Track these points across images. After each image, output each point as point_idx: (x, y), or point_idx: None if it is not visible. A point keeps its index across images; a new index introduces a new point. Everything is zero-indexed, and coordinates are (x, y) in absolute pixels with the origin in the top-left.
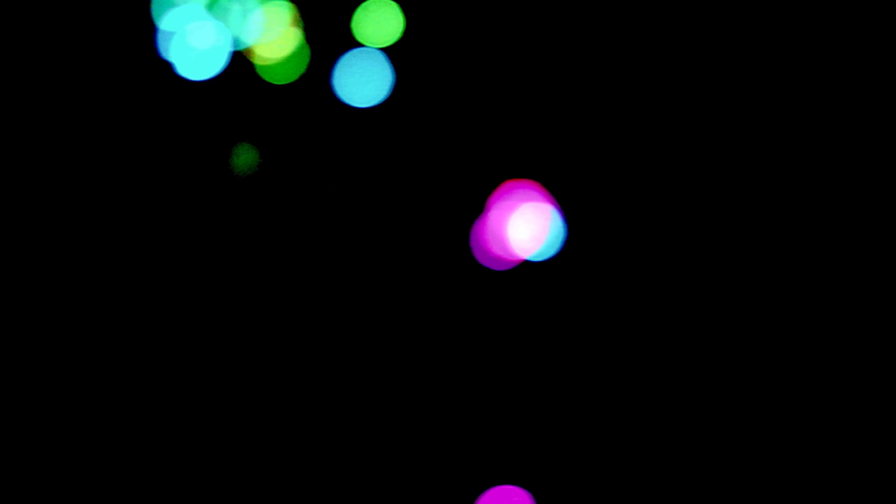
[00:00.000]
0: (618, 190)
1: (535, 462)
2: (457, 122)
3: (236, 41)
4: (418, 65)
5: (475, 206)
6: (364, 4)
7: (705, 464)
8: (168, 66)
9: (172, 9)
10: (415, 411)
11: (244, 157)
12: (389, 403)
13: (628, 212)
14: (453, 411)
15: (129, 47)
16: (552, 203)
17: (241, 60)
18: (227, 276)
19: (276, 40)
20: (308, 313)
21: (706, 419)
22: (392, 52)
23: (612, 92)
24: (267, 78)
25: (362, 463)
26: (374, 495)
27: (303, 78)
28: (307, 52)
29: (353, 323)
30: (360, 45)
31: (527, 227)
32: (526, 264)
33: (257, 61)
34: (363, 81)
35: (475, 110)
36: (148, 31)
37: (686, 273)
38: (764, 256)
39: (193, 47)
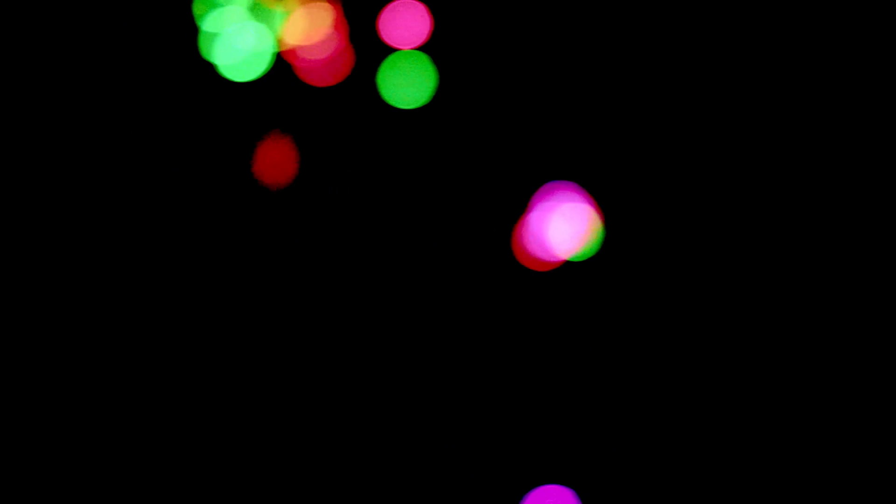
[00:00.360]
0: (657, 191)
1: (579, 462)
2: (499, 124)
3: (278, 43)
4: (461, 67)
5: (516, 207)
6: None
7: (743, 462)
8: (211, 68)
9: (214, 10)
10: (458, 411)
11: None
12: (429, 403)
13: (667, 213)
14: (496, 411)
15: (171, 48)
16: (592, 204)
17: (283, 62)
18: (274, 276)
19: (318, 42)
20: (351, 313)
21: (745, 418)
22: (435, 54)
23: (652, 95)
24: (308, 80)
25: (402, 464)
26: (419, 497)
27: (346, 80)
28: (350, 53)
29: (395, 322)
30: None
31: (567, 229)
32: (566, 265)
33: (299, 63)
34: (406, 83)
35: (517, 112)
36: (190, 33)
37: (720, 274)
38: (806, 260)
39: (236, 49)
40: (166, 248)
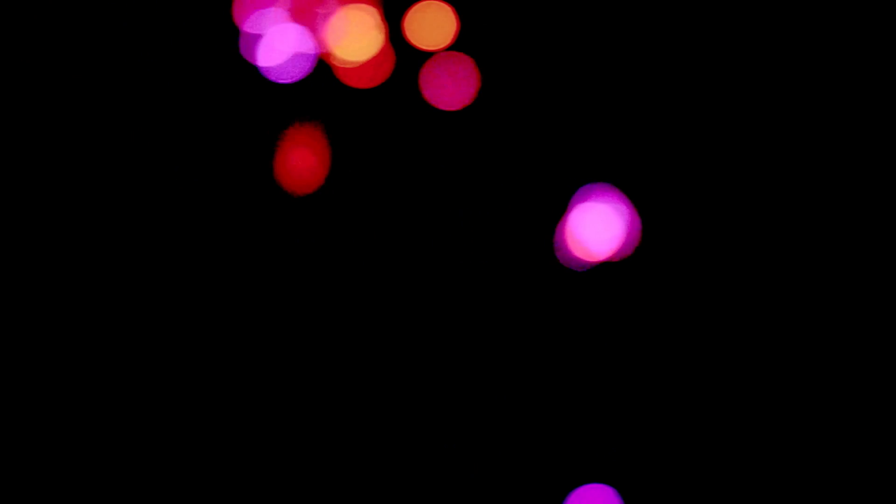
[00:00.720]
0: (693, 192)
1: (623, 460)
2: (538, 125)
3: (321, 45)
4: (503, 68)
5: (556, 208)
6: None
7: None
8: (253, 70)
9: (257, 12)
10: (500, 409)
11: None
12: (473, 401)
13: (704, 214)
14: (536, 410)
15: (214, 50)
16: (629, 205)
17: (326, 64)
18: (317, 275)
19: (360, 44)
20: (398, 309)
21: (786, 417)
22: (478, 56)
23: (690, 97)
24: (351, 82)
25: (450, 462)
26: (466, 494)
27: (389, 81)
28: (393, 55)
29: (436, 319)
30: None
31: (605, 230)
32: (604, 266)
33: (341, 65)
34: (448, 84)
35: (557, 113)
36: (232, 34)
37: (757, 274)
38: (845, 260)
39: (279, 50)
40: (199, 249)
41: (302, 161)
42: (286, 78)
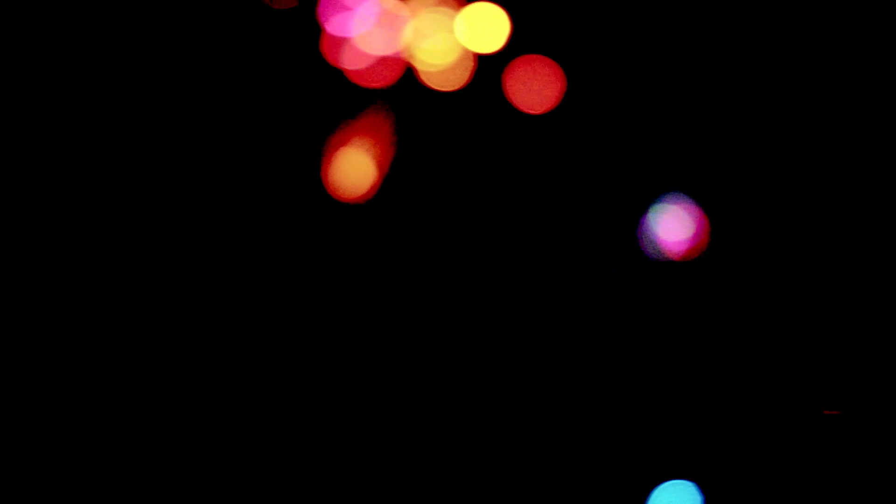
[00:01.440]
0: (764, 192)
1: (703, 456)
2: (622, 127)
3: (406, 48)
4: (587, 72)
5: (635, 208)
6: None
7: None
8: (337, 73)
9: (342, 15)
10: (584, 406)
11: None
12: (563, 396)
13: (776, 214)
14: (613, 407)
15: (297, 53)
16: (700, 206)
17: (410, 67)
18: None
19: (443, 47)
20: (485, 309)
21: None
22: (562, 59)
23: (769, 98)
24: (435, 85)
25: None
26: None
27: (473, 84)
28: (475, 58)
29: (521, 316)
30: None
31: (677, 229)
32: (674, 265)
33: (425, 68)
34: (534, 87)
35: (641, 115)
36: (314, 37)
37: (828, 276)
38: None
39: (365, 54)
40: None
41: (367, 163)
42: (371, 82)
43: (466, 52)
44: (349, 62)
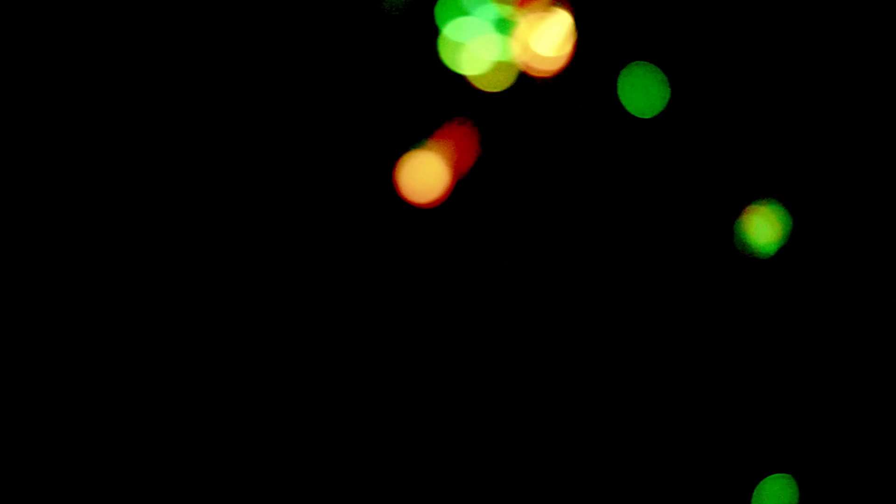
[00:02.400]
0: (846, 191)
1: (801, 451)
2: (729, 131)
3: (518, 53)
4: (694, 76)
5: (732, 208)
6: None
7: None
8: (454, 76)
9: (459, 19)
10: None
11: None
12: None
13: (858, 213)
14: (710, 403)
15: (413, 54)
16: (787, 202)
17: (519, 71)
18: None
19: (555, 52)
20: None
21: None
22: (670, 65)
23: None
24: (542, 89)
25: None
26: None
27: (583, 88)
28: (586, 63)
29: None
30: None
31: (763, 228)
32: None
33: (536, 73)
34: (644, 92)
35: (747, 118)
36: (431, 39)
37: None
38: None
39: (481, 59)
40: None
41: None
42: (489, 87)
43: (573, 56)
44: (465, 66)
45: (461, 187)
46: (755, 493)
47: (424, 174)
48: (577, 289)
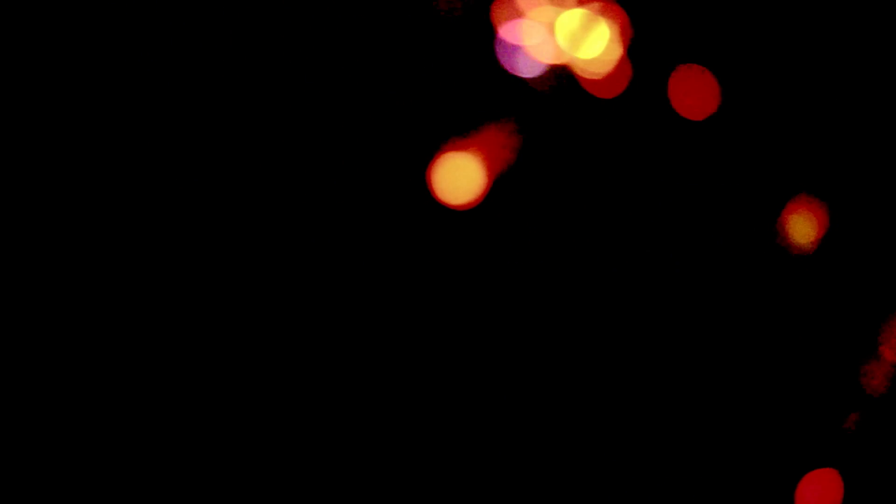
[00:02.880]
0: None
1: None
2: (778, 132)
3: (572, 56)
4: (745, 79)
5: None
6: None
7: None
8: (507, 77)
9: (515, 21)
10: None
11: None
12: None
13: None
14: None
15: (467, 55)
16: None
17: (570, 74)
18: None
19: (603, 53)
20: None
21: None
22: (720, 67)
23: None
24: (595, 92)
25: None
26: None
27: (633, 90)
28: (634, 65)
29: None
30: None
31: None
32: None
33: (586, 75)
34: (693, 94)
35: (796, 120)
36: (488, 41)
37: None
38: None
39: (535, 62)
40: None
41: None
42: (540, 85)
43: (624, 59)
44: (520, 68)
45: (503, 189)
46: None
47: (459, 176)
48: (617, 291)
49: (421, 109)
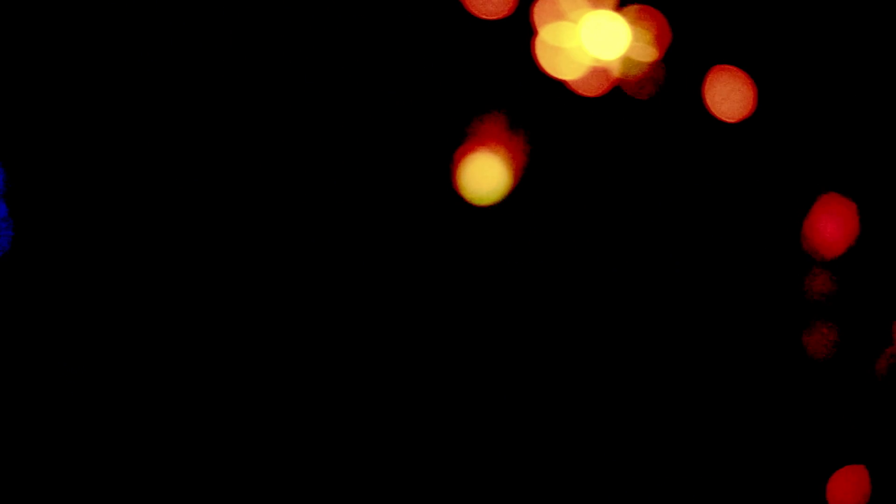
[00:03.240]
0: None
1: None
2: (817, 133)
3: (610, 58)
4: (782, 81)
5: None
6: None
7: None
8: (548, 79)
9: (555, 23)
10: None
11: None
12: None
13: None
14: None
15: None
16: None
17: (608, 75)
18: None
19: (641, 55)
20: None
21: None
22: (754, 69)
23: None
24: (631, 93)
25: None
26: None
27: (670, 92)
28: (670, 67)
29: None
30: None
31: (836, 228)
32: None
33: (623, 77)
34: (731, 96)
35: (833, 121)
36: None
37: None
38: None
39: (579, 63)
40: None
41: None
42: (587, 90)
43: (660, 61)
44: (563, 71)
45: (537, 189)
46: None
47: (487, 175)
48: (650, 290)
49: (459, 108)
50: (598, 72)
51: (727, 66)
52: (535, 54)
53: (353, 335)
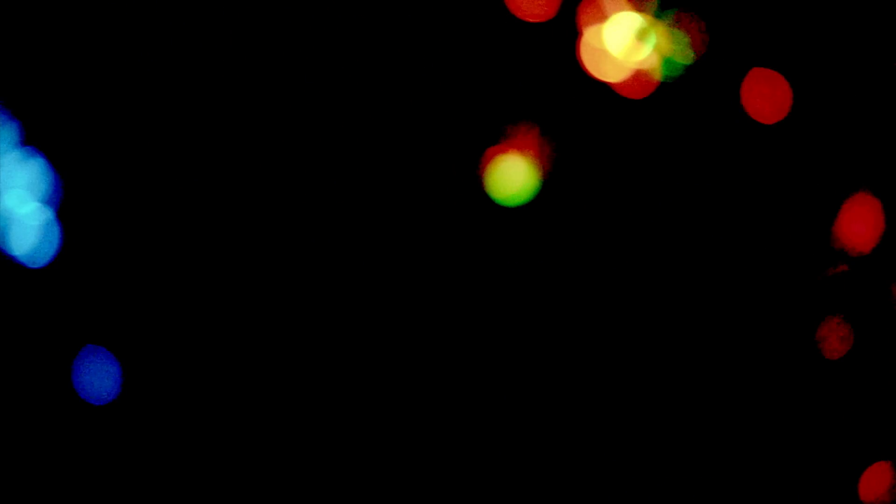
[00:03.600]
0: None
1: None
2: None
3: (649, 60)
4: (817, 81)
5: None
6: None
7: None
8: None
9: (599, 25)
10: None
11: None
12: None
13: None
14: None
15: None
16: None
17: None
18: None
19: (679, 58)
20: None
21: None
22: (792, 70)
23: None
24: (668, 95)
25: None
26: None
27: (709, 92)
28: (709, 69)
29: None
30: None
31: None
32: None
33: (661, 78)
34: (766, 98)
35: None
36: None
37: None
38: None
39: (621, 64)
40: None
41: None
42: (633, 94)
43: (699, 63)
44: (606, 73)
45: (571, 190)
46: None
47: (518, 174)
48: (682, 290)
49: (500, 109)
50: (640, 74)
51: (765, 69)
52: (579, 56)
53: (378, 335)
